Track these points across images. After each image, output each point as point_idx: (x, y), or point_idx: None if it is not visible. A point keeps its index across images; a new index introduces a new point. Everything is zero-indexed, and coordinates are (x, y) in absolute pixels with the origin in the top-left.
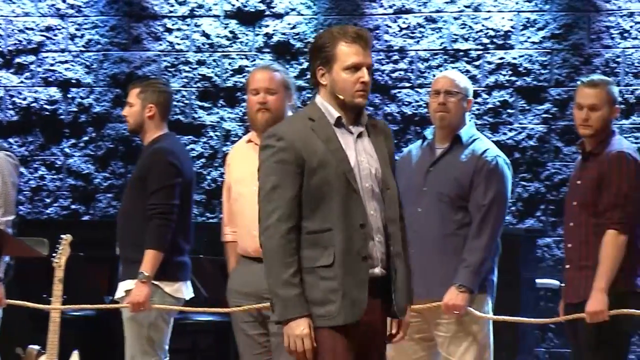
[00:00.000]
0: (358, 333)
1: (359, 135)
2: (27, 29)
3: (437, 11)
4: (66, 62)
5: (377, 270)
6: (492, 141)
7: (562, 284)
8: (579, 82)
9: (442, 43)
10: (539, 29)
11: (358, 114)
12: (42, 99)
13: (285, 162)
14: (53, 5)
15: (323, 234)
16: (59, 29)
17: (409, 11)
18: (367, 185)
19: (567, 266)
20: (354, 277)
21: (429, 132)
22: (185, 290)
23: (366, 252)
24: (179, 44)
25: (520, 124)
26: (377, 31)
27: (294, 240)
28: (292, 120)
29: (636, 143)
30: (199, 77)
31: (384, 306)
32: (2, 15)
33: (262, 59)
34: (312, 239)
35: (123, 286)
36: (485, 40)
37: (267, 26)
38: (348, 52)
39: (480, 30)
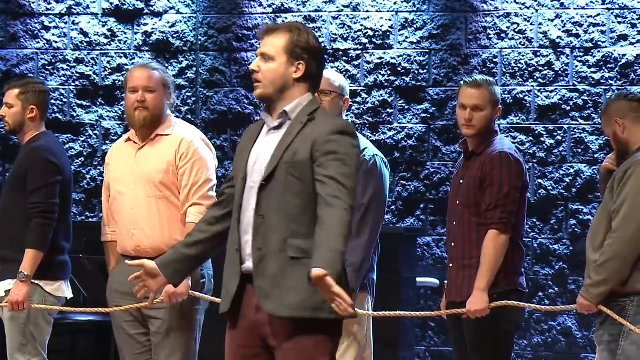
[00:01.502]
0: (242, 325)
1: (274, 129)
2: None
3: (316, 10)
4: None
5: (249, 264)
6: (372, 141)
7: (445, 282)
8: (461, 82)
9: (321, 42)
10: (417, 29)
11: (274, 106)
12: None
13: None
14: None
15: None
16: None
17: (288, 10)
18: (256, 179)
19: (451, 265)
20: (230, 268)
21: None
22: (66, 289)
23: (238, 245)
24: (56, 42)
25: (399, 123)
26: (257, 30)
27: (211, 216)
28: None
29: (513, 143)
30: (77, 75)
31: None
32: None
33: (141, 57)
34: None
35: (2, 286)
36: (364, 40)
37: (146, 24)
38: None
39: (359, 30)
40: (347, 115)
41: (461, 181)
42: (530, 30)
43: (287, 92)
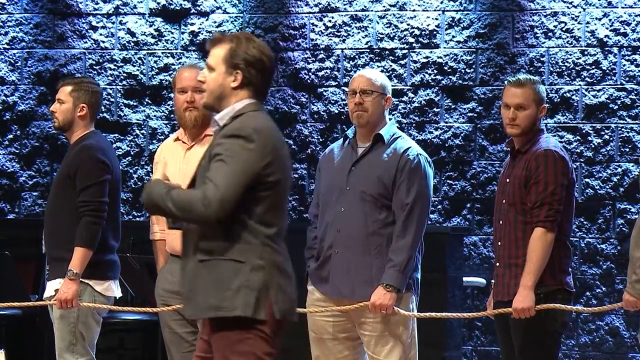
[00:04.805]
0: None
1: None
2: None
3: (363, 10)
4: None
5: None
6: (418, 140)
7: (492, 281)
8: (506, 82)
9: (367, 42)
10: (464, 28)
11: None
12: None
13: None
14: None
15: None
16: None
17: (335, 10)
18: None
19: (497, 264)
20: None
21: (350, 131)
22: (116, 288)
23: None
24: (104, 42)
25: (446, 122)
26: (303, 29)
27: None
28: None
29: (560, 142)
30: (125, 75)
31: None
32: None
33: (187, 57)
34: None
35: (52, 285)
36: (411, 39)
37: (192, 24)
38: None
39: (406, 29)
40: (393, 115)
41: (507, 180)
42: (578, 29)
43: (226, 100)
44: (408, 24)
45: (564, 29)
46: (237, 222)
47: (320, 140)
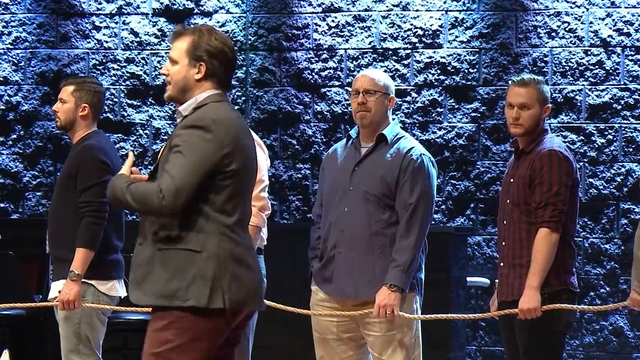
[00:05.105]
0: None
1: None
2: None
3: (366, 10)
4: None
5: None
6: (422, 140)
7: (496, 281)
8: (510, 81)
9: (371, 42)
10: (467, 28)
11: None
12: None
13: None
14: None
15: None
16: None
17: (338, 10)
18: None
19: (501, 264)
20: None
21: (353, 131)
22: (120, 288)
23: None
24: (107, 42)
25: (449, 122)
26: (306, 29)
27: None
28: None
29: (564, 142)
30: (128, 75)
31: None
32: None
33: None
34: None
35: (56, 286)
36: (414, 39)
37: (195, 24)
38: None
39: (409, 29)
40: (397, 115)
41: (511, 180)
42: (581, 29)
43: (190, 92)
44: (411, 24)
45: (567, 29)
46: (197, 212)
47: (324, 140)
